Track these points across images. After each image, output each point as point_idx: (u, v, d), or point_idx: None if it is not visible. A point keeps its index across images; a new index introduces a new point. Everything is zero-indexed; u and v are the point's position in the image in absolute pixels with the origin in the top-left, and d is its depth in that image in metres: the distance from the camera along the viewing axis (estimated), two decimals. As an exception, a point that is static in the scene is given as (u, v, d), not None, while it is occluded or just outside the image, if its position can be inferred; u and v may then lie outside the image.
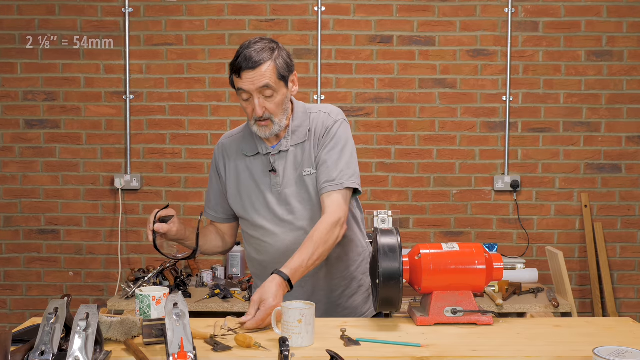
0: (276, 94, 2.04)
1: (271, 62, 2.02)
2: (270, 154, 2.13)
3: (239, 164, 2.17)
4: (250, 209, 2.16)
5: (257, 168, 2.15)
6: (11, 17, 3.93)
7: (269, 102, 2.04)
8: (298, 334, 1.72)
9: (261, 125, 2.06)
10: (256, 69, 2.01)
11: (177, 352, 1.44)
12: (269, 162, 2.13)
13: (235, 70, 2.06)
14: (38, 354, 1.47)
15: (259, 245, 2.18)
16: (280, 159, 2.13)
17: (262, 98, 2.04)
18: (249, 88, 2.03)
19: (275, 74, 2.03)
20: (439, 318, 1.96)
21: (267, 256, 2.16)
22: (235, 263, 3.85)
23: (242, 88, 2.05)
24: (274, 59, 2.03)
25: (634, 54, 3.94)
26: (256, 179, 2.15)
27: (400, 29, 3.94)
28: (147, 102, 3.97)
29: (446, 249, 2.00)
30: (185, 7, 3.94)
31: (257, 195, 2.15)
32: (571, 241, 4.00)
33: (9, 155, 3.98)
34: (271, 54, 2.03)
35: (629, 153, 3.98)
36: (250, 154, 2.16)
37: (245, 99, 2.07)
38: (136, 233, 3.99)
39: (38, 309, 4.00)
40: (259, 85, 2.02)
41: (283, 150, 2.12)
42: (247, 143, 2.17)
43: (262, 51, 2.02)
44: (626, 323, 2.04)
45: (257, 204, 2.15)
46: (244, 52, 2.04)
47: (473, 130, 3.97)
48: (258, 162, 2.15)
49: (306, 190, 2.11)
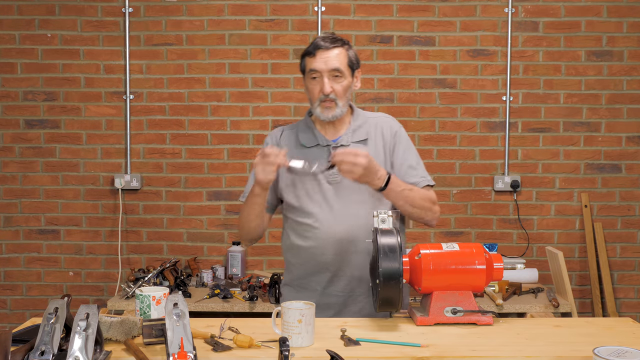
0: (343, 78, 2.20)
1: (344, 49, 2.22)
2: (330, 146, 2.23)
3: (294, 154, 2.24)
4: (304, 197, 2.23)
5: (315, 158, 2.22)
6: (11, 17, 3.93)
7: (336, 84, 2.19)
8: (298, 334, 1.72)
9: (325, 106, 2.19)
10: (330, 49, 2.18)
11: (177, 352, 1.44)
12: (328, 154, 2.22)
13: (309, 52, 2.21)
14: (38, 354, 1.47)
15: (307, 231, 2.22)
16: None
17: (331, 78, 2.18)
18: (320, 68, 2.17)
19: (346, 60, 2.21)
20: (439, 318, 1.96)
21: (316, 242, 2.21)
22: (235, 263, 3.85)
23: (314, 68, 2.18)
24: (346, 48, 2.23)
25: (634, 54, 3.94)
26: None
27: (400, 29, 3.95)
28: (147, 102, 3.97)
29: (446, 249, 2.00)
30: (185, 7, 3.94)
31: (312, 184, 2.23)
32: (571, 241, 4.00)
33: (9, 155, 3.98)
34: (344, 43, 2.23)
35: (629, 153, 3.98)
36: (309, 145, 2.26)
37: (313, 78, 2.20)
38: (136, 233, 3.99)
39: (38, 309, 4.00)
40: (330, 67, 2.17)
41: (344, 144, 2.23)
42: (306, 135, 2.28)
43: (337, 39, 2.22)
44: (626, 323, 2.04)
45: (312, 192, 2.22)
46: (320, 36, 2.24)
47: (473, 130, 3.97)
48: (316, 153, 2.24)
49: (362, 186, 2.18)
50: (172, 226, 4.00)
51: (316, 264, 2.22)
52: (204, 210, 3.99)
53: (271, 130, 2.37)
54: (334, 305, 2.23)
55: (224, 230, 4.00)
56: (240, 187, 3.97)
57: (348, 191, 2.20)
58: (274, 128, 2.34)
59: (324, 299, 2.21)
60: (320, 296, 2.22)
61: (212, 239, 4.00)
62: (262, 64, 3.96)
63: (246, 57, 3.96)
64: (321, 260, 2.21)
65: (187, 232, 4.01)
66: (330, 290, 2.23)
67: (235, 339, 1.73)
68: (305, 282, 2.26)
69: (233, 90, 3.97)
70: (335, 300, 2.23)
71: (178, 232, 4.00)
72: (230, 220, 3.99)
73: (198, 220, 4.00)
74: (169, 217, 3.99)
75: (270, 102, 3.96)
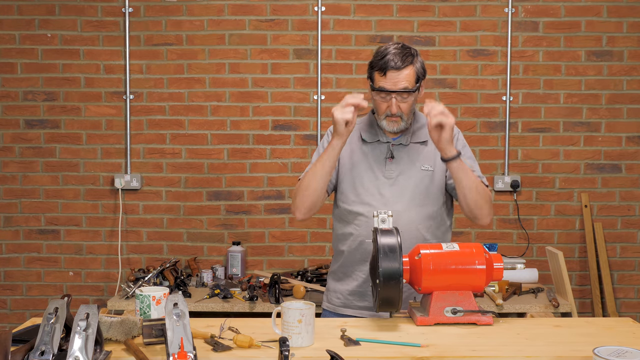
0: (411, 96, 2.24)
1: (413, 67, 2.22)
2: (390, 143, 2.31)
3: (355, 147, 2.34)
4: (359, 187, 2.31)
5: (374, 153, 2.32)
6: (11, 17, 3.93)
7: (403, 103, 2.23)
8: (298, 334, 1.72)
9: (391, 120, 2.26)
10: (401, 70, 2.20)
11: (177, 352, 1.44)
12: (387, 150, 2.31)
13: (380, 69, 2.21)
14: (38, 354, 1.47)
15: (358, 219, 2.29)
16: (399, 150, 2.31)
17: (399, 98, 2.22)
18: (390, 88, 2.20)
19: (414, 77, 2.23)
20: (439, 318, 1.96)
21: (366, 230, 2.27)
22: (235, 263, 3.85)
23: (383, 87, 2.21)
24: (415, 62, 2.23)
25: (634, 54, 3.94)
26: (371, 162, 2.32)
27: (400, 29, 3.95)
28: (147, 102, 3.97)
29: (446, 249, 2.00)
30: (185, 7, 3.94)
31: (369, 176, 2.30)
32: (571, 241, 4.00)
33: (9, 155, 3.98)
34: (413, 58, 2.23)
35: (629, 153, 3.98)
36: (370, 141, 2.34)
37: (382, 97, 2.24)
38: (136, 233, 3.99)
39: (38, 309, 4.00)
40: (399, 87, 2.20)
41: (404, 144, 2.31)
42: (368, 131, 2.35)
43: (407, 55, 2.22)
44: (626, 323, 2.04)
45: (368, 183, 2.30)
46: (391, 51, 2.21)
47: (473, 130, 3.97)
48: (375, 148, 2.33)
49: (419, 181, 2.28)
50: (172, 226, 4.00)
51: (363, 252, 2.28)
52: (204, 210, 3.99)
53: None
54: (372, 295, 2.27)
55: (224, 230, 4.00)
56: (240, 187, 3.98)
57: (401, 186, 2.28)
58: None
59: (364, 286, 2.30)
60: (363, 283, 2.30)
61: (212, 239, 4.00)
62: (262, 64, 3.96)
63: (246, 57, 3.96)
64: (368, 249, 2.24)
65: (187, 232, 4.01)
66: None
67: (235, 339, 1.73)
68: (350, 270, 2.34)
69: (233, 90, 3.97)
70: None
71: (178, 232, 4.00)
72: (230, 220, 3.99)
73: (198, 220, 4.00)
74: (169, 217, 3.99)
75: (270, 102, 3.96)
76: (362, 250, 2.29)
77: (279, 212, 3.98)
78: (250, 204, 3.99)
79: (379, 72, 2.21)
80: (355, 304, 2.32)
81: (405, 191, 2.28)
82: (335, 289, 2.38)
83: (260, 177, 3.99)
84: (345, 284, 2.34)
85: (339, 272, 2.38)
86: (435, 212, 2.31)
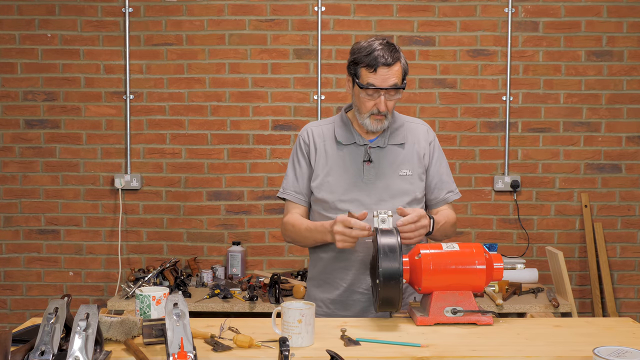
0: (398, 93, 2.18)
1: (400, 62, 2.17)
2: (367, 146, 2.25)
3: (329, 150, 2.27)
4: (336, 192, 2.24)
5: (351, 156, 2.25)
6: (11, 17, 3.93)
7: (390, 100, 2.18)
8: (298, 334, 1.72)
9: (376, 118, 2.19)
10: (391, 66, 2.13)
11: (177, 352, 1.44)
12: (365, 153, 2.24)
13: (369, 65, 2.13)
14: (38, 354, 1.47)
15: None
16: (376, 153, 2.25)
17: (387, 95, 2.16)
18: (380, 85, 2.13)
19: (401, 73, 2.18)
20: (439, 318, 1.96)
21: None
22: (235, 263, 3.85)
23: (373, 84, 2.14)
24: (400, 59, 2.17)
25: (634, 54, 3.94)
26: (348, 166, 2.25)
27: (400, 29, 3.95)
28: (147, 102, 3.97)
29: (446, 249, 2.00)
30: (185, 7, 3.94)
31: (346, 181, 2.24)
32: (571, 241, 4.00)
33: (9, 155, 3.98)
34: (399, 54, 2.17)
35: (629, 153, 3.98)
36: (346, 143, 2.27)
37: (369, 94, 2.17)
38: (136, 233, 3.99)
39: (38, 309, 4.00)
40: (389, 84, 2.14)
41: (381, 146, 2.25)
42: (342, 133, 2.28)
43: (394, 50, 2.15)
44: (626, 323, 2.04)
45: (345, 188, 2.23)
46: (377, 47, 2.14)
47: (473, 130, 3.97)
48: (352, 151, 2.26)
49: (397, 187, 2.23)
50: (172, 226, 4.00)
51: (344, 259, 2.23)
52: (204, 210, 3.99)
53: (300, 130, 2.36)
54: (357, 303, 2.24)
55: (224, 230, 4.00)
56: (240, 187, 3.97)
57: (381, 191, 2.22)
58: (305, 126, 2.34)
59: (345, 295, 2.24)
60: (344, 292, 2.24)
61: (212, 239, 4.00)
62: (262, 64, 3.96)
63: (246, 57, 3.96)
64: (350, 257, 2.22)
65: (187, 232, 4.01)
66: (354, 287, 2.23)
67: (235, 339, 1.73)
68: (330, 278, 2.27)
69: (233, 90, 3.97)
70: (358, 297, 2.23)
71: (178, 232, 4.00)
72: (230, 220, 3.99)
73: (198, 220, 4.00)
74: (169, 217, 3.99)
75: (270, 102, 3.96)
76: (343, 258, 2.22)
77: (279, 212, 3.98)
78: (250, 204, 3.99)
79: (367, 68, 2.13)
80: (338, 313, 2.24)
81: (385, 196, 2.22)
82: (316, 297, 2.29)
83: (260, 177, 3.99)
84: (326, 293, 2.27)
85: (318, 279, 2.31)
86: None
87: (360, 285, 2.23)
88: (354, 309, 2.24)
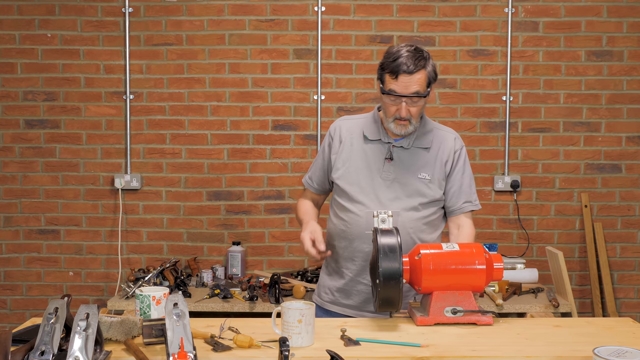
0: (421, 100, 2.21)
1: (425, 70, 2.18)
2: (391, 144, 2.29)
3: (355, 144, 2.33)
4: (355, 184, 2.30)
5: (374, 152, 2.31)
6: (11, 17, 3.93)
7: (413, 107, 2.20)
8: (298, 334, 1.72)
9: (400, 123, 2.23)
10: (413, 74, 2.16)
11: (177, 352, 1.44)
12: (387, 150, 2.29)
13: (392, 71, 2.17)
14: (38, 354, 1.47)
15: (352, 218, 2.29)
16: (399, 152, 2.29)
17: (410, 102, 2.19)
18: (401, 92, 2.17)
19: (426, 81, 2.19)
20: (439, 318, 1.96)
21: (355, 229, 2.28)
22: (235, 263, 3.85)
23: (394, 91, 2.17)
24: (427, 67, 2.19)
25: (634, 54, 3.94)
26: (370, 161, 2.30)
27: (400, 29, 3.94)
28: (147, 102, 3.97)
29: (446, 249, 2.00)
30: (185, 7, 3.94)
31: (365, 174, 2.30)
32: (571, 241, 4.00)
33: (9, 155, 3.98)
34: (425, 62, 2.18)
35: (629, 153, 3.98)
36: (372, 139, 2.32)
37: (392, 100, 2.21)
38: (136, 233, 3.99)
39: (38, 309, 4.00)
40: (411, 92, 2.17)
41: (405, 147, 2.29)
42: (371, 128, 2.33)
43: (419, 58, 2.17)
44: (626, 323, 2.04)
45: (364, 182, 2.29)
46: (403, 54, 2.17)
47: (473, 130, 3.97)
48: (376, 147, 2.31)
49: (414, 187, 2.27)
50: (172, 226, 4.00)
51: (352, 250, 2.29)
52: (204, 210, 3.99)
53: (333, 122, 2.46)
54: (360, 293, 2.30)
55: (224, 230, 4.00)
56: (240, 187, 3.97)
57: (398, 189, 2.27)
58: (338, 119, 2.47)
59: (350, 285, 2.31)
60: (349, 281, 2.31)
61: (212, 239, 4.00)
62: (262, 64, 3.96)
63: (246, 57, 3.96)
64: (357, 249, 2.28)
65: (187, 232, 4.01)
66: (359, 277, 2.30)
67: (235, 339, 1.73)
68: (339, 267, 2.35)
69: (233, 90, 3.97)
70: (362, 288, 2.30)
71: (178, 232, 4.00)
72: (230, 220, 3.99)
73: (198, 220, 4.00)
74: (169, 217, 3.99)
75: (270, 102, 3.96)
76: (352, 249, 2.30)
77: (279, 212, 3.98)
78: (250, 204, 3.99)
79: (390, 74, 2.18)
80: (341, 301, 2.34)
81: (400, 195, 2.27)
82: (325, 284, 2.40)
83: (260, 177, 3.99)
84: (334, 280, 2.36)
85: (329, 267, 2.41)
86: (429, 216, 2.30)
87: (365, 276, 2.29)
88: (357, 298, 2.31)
